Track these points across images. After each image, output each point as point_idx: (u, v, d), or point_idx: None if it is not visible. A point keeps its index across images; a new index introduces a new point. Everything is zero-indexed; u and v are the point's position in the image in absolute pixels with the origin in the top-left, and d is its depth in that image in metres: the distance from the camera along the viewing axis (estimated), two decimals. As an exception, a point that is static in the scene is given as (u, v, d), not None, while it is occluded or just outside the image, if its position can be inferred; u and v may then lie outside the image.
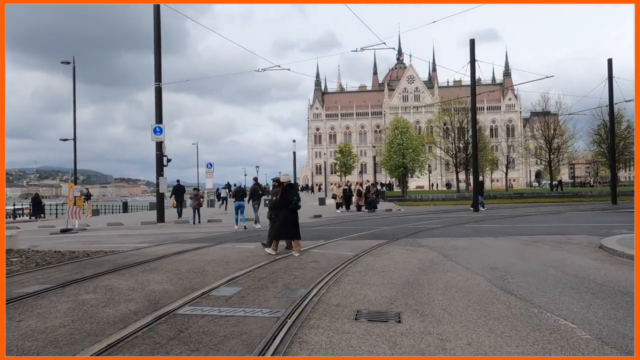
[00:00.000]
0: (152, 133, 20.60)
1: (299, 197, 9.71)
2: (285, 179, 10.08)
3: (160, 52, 21.24)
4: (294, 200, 9.52)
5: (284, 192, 9.62)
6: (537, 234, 13.34)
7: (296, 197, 9.62)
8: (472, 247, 10.75)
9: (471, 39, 23.79)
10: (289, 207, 9.48)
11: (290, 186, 9.85)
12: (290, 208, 9.50)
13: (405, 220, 18.74)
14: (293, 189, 9.88)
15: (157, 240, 13.07)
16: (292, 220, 9.55)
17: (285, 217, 9.48)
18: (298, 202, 9.62)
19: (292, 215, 9.55)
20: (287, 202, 9.50)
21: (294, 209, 9.58)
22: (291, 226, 9.51)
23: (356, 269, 7.90)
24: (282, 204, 9.56)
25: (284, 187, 9.77)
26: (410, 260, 8.83)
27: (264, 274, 7.45)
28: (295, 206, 9.58)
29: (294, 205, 9.53)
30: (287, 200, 9.51)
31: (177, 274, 7.54)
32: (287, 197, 9.53)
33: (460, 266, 8.17)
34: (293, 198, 9.53)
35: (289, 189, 9.72)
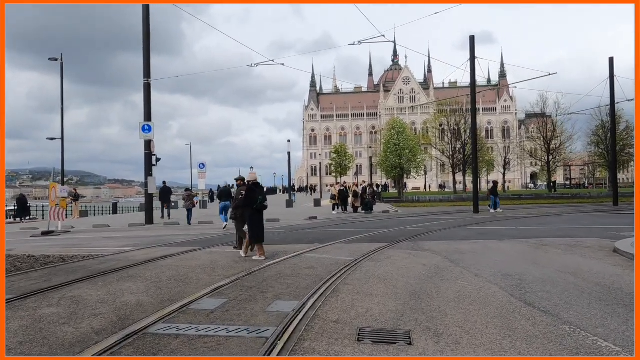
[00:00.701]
0: (141, 131, 19.79)
1: (265, 196, 9.39)
2: (252, 178, 9.69)
3: (150, 48, 20.45)
4: (259, 199, 9.16)
5: (250, 191, 9.27)
6: (543, 236, 12.66)
7: (262, 196, 9.27)
8: (478, 251, 10.04)
9: (471, 36, 23.16)
10: (253, 207, 9.12)
11: (255, 185, 9.49)
12: (256, 208, 9.13)
13: (404, 222, 18.02)
14: (259, 187, 9.54)
15: (142, 244, 12.27)
16: (258, 220, 9.21)
17: (252, 218, 9.16)
18: (264, 202, 9.28)
19: (257, 215, 9.21)
20: (252, 202, 9.16)
21: (260, 208, 9.22)
22: (260, 227, 9.20)
23: (356, 276, 7.15)
24: (247, 203, 9.23)
25: (249, 186, 9.40)
26: (414, 266, 8.09)
27: (253, 283, 6.69)
28: (261, 206, 9.22)
29: (259, 205, 9.15)
30: (253, 199, 9.15)
31: (156, 283, 6.76)
32: (253, 196, 9.18)
33: (469, 273, 7.44)
34: (258, 197, 9.16)
35: (255, 187, 9.36)
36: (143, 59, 20.30)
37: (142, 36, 20.33)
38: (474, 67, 22.80)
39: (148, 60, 20.32)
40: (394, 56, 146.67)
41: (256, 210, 9.18)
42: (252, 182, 9.54)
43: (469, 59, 23.15)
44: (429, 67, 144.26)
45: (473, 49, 22.96)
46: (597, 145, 47.33)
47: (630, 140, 43.40)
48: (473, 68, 22.77)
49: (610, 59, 27.52)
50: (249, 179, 9.70)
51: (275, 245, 11.36)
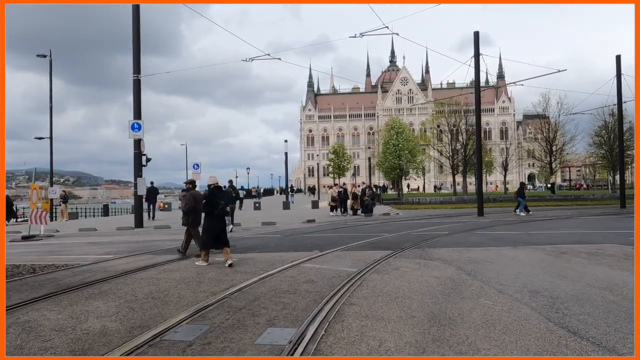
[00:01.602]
0: (130, 129, 18.80)
1: (227, 201, 9.06)
2: (212, 181, 9.19)
3: (140, 43, 19.47)
4: (221, 204, 8.74)
5: (211, 195, 8.82)
6: (559, 242, 11.76)
7: (223, 201, 8.89)
8: (494, 260, 9.12)
9: (475, 32, 22.28)
10: (214, 212, 8.70)
11: (217, 189, 9.09)
12: (217, 213, 8.71)
13: (407, 226, 17.10)
14: (221, 191, 9.15)
15: (126, 250, 11.30)
16: (220, 226, 8.82)
17: (210, 224, 8.74)
18: (225, 207, 8.90)
19: (218, 221, 8.80)
20: (213, 207, 8.75)
21: (221, 214, 8.81)
22: (219, 233, 8.76)
23: (362, 293, 6.22)
24: (209, 209, 8.80)
25: (210, 190, 8.95)
26: (426, 279, 7.16)
27: (242, 302, 5.74)
28: (223, 211, 8.83)
29: (220, 210, 8.74)
30: (214, 204, 8.74)
31: (130, 302, 5.81)
32: (214, 201, 8.76)
33: (490, 288, 6.52)
34: (220, 202, 8.74)
35: (216, 191, 8.96)
36: (133, 54, 19.34)
37: (132, 31, 19.38)
38: (478, 64, 21.94)
39: (138, 56, 19.37)
40: (392, 57, 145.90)
41: (217, 216, 8.75)
42: (213, 185, 9.08)
43: (472, 55, 22.28)
44: (426, 68, 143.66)
45: (477, 46, 22.09)
46: (601, 146, 46.46)
47: (631, 142, 42.52)
48: (477, 64, 21.90)
49: (617, 57, 26.73)
50: (210, 182, 9.18)
51: (271, 252, 10.43)
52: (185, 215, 9.85)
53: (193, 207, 9.70)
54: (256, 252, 10.54)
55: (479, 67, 21.90)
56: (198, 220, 9.75)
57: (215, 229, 8.71)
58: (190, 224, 9.73)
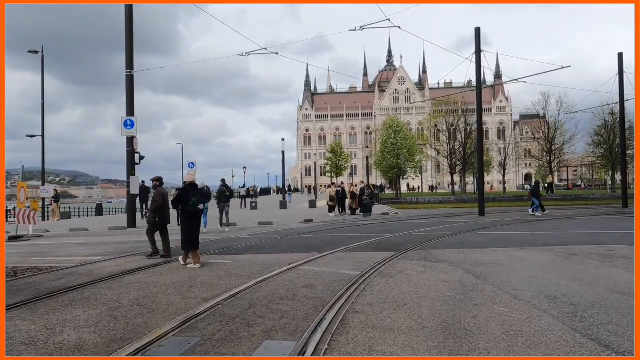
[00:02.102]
0: (122, 127, 18.25)
1: (200, 199, 8.71)
2: (189, 179, 8.96)
3: (132, 38, 18.92)
4: (192, 201, 8.41)
5: (182, 191, 8.55)
6: (567, 243, 11.33)
7: (195, 198, 8.52)
8: (502, 262, 8.66)
9: (476, 28, 21.83)
10: (186, 210, 8.42)
11: (191, 186, 8.75)
12: (188, 210, 8.41)
13: (408, 226, 16.63)
14: (195, 189, 8.79)
15: (115, 252, 10.78)
16: (192, 225, 8.52)
17: (185, 223, 8.45)
18: (197, 205, 8.53)
19: (191, 220, 8.50)
20: (179, 203, 8.48)
21: (193, 211, 8.47)
22: (194, 233, 8.47)
23: (366, 299, 5.74)
24: (175, 205, 8.53)
25: (183, 187, 8.76)
26: (434, 283, 6.69)
27: (237, 310, 5.25)
28: (194, 209, 8.48)
29: (191, 207, 8.42)
30: (185, 201, 8.44)
31: (113, 310, 5.30)
32: (185, 198, 8.45)
33: (505, 293, 6.05)
34: (192, 199, 8.42)
35: (189, 189, 8.63)
36: (125, 49, 18.79)
37: (125, 25, 18.84)
38: (479, 60, 21.50)
39: (131, 51, 18.82)
40: (389, 57, 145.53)
41: (190, 214, 8.43)
42: (188, 183, 8.81)
43: (474, 52, 21.83)
44: (424, 67, 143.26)
45: (479, 42, 21.65)
46: (600, 146, 46.09)
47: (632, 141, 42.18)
48: (479, 61, 21.46)
49: (619, 54, 26.32)
50: (187, 179, 8.97)
51: (268, 254, 9.93)
52: (152, 214, 9.60)
53: (161, 206, 9.53)
54: (252, 254, 10.05)
55: (480, 64, 21.47)
56: (165, 219, 9.59)
57: (187, 229, 8.43)
58: (155, 222, 9.49)
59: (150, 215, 9.69)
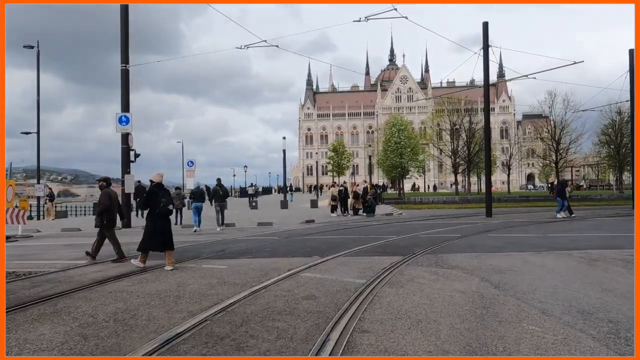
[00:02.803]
0: (117, 123, 17.60)
1: (170, 200, 8.50)
2: (157, 179, 8.62)
3: (128, 31, 18.27)
4: (162, 202, 8.21)
5: (151, 193, 8.31)
6: (584, 247, 10.62)
7: (165, 198, 8.32)
8: (520, 268, 7.97)
9: (484, 22, 21.14)
10: (156, 212, 8.18)
11: (158, 187, 8.50)
12: (158, 212, 8.18)
13: (414, 228, 15.93)
14: (162, 189, 8.55)
15: (103, 255, 10.07)
16: (163, 227, 8.29)
17: (153, 224, 8.22)
18: (167, 205, 8.32)
19: (162, 221, 8.28)
20: (153, 205, 8.24)
21: (163, 213, 8.25)
22: (162, 234, 8.22)
23: (375, 314, 5.05)
24: (150, 207, 8.29)
25: (151, 188, 8.49)
26: (449, 294, 6.00)
27: (227, 327, 4.56)
28: (164, 210, 8.27)
29: (161, 208, 8.20)
30: (155, 203, 8.22)
31: (85, 327, 4.63)
32: (154, 199, 8.23)
33: (531, 307, 5.37)
34: (161, 200, 8.21)
35: (157, 189, 8.38)
36: (120, 43, 18.13)
37: (120, 18, 18.19)
38: (487, 56, 20.79)
39: (126, 45, 18.16)
40: (391, 56, 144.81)
41: (160, 215, 8.20)
42: (155, 183, 8.54)
43: (482, 47, 21.14)
44: (426, 67, 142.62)
45: (487, 37, 20.95)
46: (607, 145, 45.24)
47: None
48: (487, 56, 20.75)
49: (630, 51, 25.53)
50: (154, 180, 8.63)
51: (265, 258, 9.26)
52: (99, 216, 9.26)
53: (108, 207, 9.22)
54: (248, 257, 9.38)
55: (488, 59, 20.77)
56: (113, 221, 9.39)
57: (157, 230, 8.16)
58: (104, 225, 9.20)
59: (98, 219, 9.36)
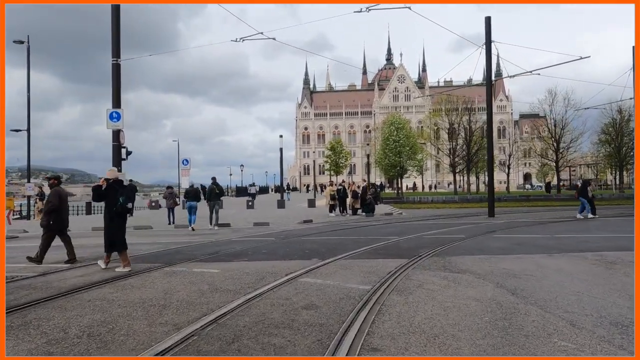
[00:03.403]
0: (108, 119, 16.89)
1: (128, 196, 8.09)
2: (111, 175, 8.26)
3: (119, 24, 17.60)
4: (120, 200, 7.86)
5: (108, 190, 7.96)
6: (596, 249, 10.10)
7: (124, 196, 7.95)
8: (535, 272, 7.42)
9: (486, 17, 20.61)
10: (113, 209, 7.87)
11: (117, 183, 8.11)
12: (115, 210, 7.84)
13: (415, 228, 15.38)
14: (122, 187, 8.15)
15: (89, 257, 9.50)
16: (119, 225, 8.01)
17: (110, 223, 7.92)
18: (126, 204, 7.97)
19: (118, 220, 7.97)
20: (111, 203, 7.89)
21: (121, 212, 7.93)
22: (119, 234, 7.96)
23: (385, 327, 4.48)
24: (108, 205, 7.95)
25: (108, 185, 8.05)
26: (464, 303, 5.44)
27: (215, 344, 3.98)
28: (122, 208, 7.92)
29: (119, 206, 7.87)
30: (112, 199, 7.89)
31: (52, 345, 4.04)
32: (112, 195, 7.90)
33: (557, 318, 4.81)
34: (120, 198, 7.87)
35: (116, 186, 8.03)
36: (111, 36, 17.44)
37: (111, 10, 17.53)
38: (490, 52, 20.26)
39: (118, 37, 17.46)
40: (388, 55, 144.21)
41: (117, 213, 7.87)
42: (112, 180, 8.15)
43: (484, 43, 20.61)
44: (423, 66, 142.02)
45: (489, 32, 20.42)
46: (609, 144, 44.79)
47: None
48: (489, 52, 20.22)
49: (633, 47, 25.16)
50: (110, 176, 8.21)
51: (262, 261, 8.67)
52: (46, 216, 8.78)
53: (57, 207, 8.77)
54: (243, 260, 8.80)
55: (491, 55, 20.24)
56: (63, 223, 8.94)
57: (112, 228, 7.87)
58: (50, 226, 8.74)
59: (44, 218, 8.89)
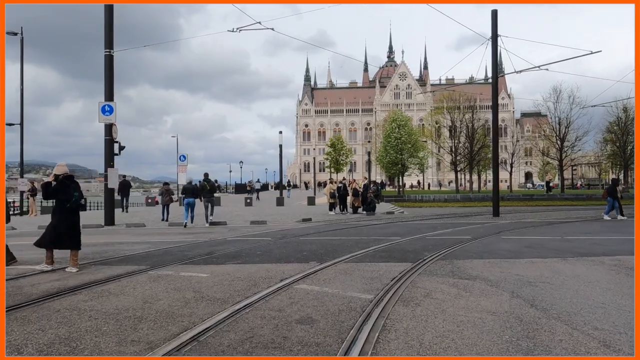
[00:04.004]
0: (100, 112, 16.37)
1: (81, 193, 7.80)
2: (61, 170, 7.81)
3: (112, 14, 16.99)
4: (75, 197, 7.53)
5: (62, 185, 7.56)
6: (611, 252, 9.55)
7: (77, 192, 7.63)
8: (551, 280, 6.82)
9: (493, 10, 19.95)
10: (67, 206, 7.49)
11: (69, 179, 7.73)
12: (69, 207, 7.50)
13: (418, 228, 14.78)
14: (73, 182, 7.76)
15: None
16: (72, 223, 7.62)
17: (59, 220, 7.51)
18: (79, 200, 7.68)
19: (71, 217, 7.61)
20: (64, 199, 7.50)
21: (75, 208, 7.62)
22: (70, 232, 7.56)
23: (390, 346, 3.88)
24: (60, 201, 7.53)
25: (60, 180, 7.67)
26: (479, 317, 4.83)
27: (193, 370, 3.38)
28: (76, 205, 7.63)
29: (73, 203, 7.53)
30: (65, 195, 7.49)
31: (1, 367, 3.44)
32: (65, 191, 7.51)
33: (587, 337, 4.22)
34: (74, 194, 7.55)
35: (67, 182, 7.65)
36: (104, 27, 16.87)
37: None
38: (496, 46, 19.63)
39: (111, 28, 16.89)
40: (390, 52, 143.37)
41: (70, 210, 7.52)
42: (62, 175, 7.71)
43: (489, 37, 19.97)
44: (425, 64, 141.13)
45: (495, 26, 19.78)
46: (613, 143, 44.13)
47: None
48: (495, 46, 19.59)
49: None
50: (59, 172, 7.75)
51: (256, 264, 8.06)
52: None
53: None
54: (236, 263, 8.19)
55: (497, 50, 19.61)
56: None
57: (62, 226, 7.46)
58: None
59: None
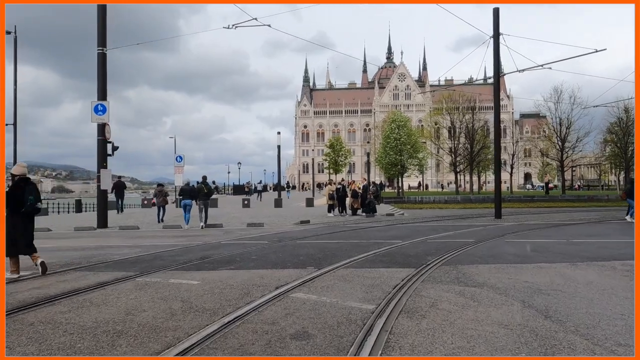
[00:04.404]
0: (93, 112, 15.95)
1: (38, 196, 7.39)
2: (20, 171, 7.38)
3: (105, 12, 16.59)
4: (30, 200, 7.13)
5: (16, 188, 7.16)
6: (621, 257, 9.14)
7: (32, 195, 7.21)
8: (562, 287, 6.42)
9: (495, 8, 19.61)
10: (22, 210, 7.08)
11: (24, 181, 7.30)
12: (24, 211, 7.10)
13: (420, 231, 14.38)
14: (29, 184, 7.31)
15: (59, 263, 8.50)
16: (25, 227, 7.23)
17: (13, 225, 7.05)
18: (36, 204, 7.28)
19: (27, 221, 7.26)
20: (17, 202, 7.06)
21: (30, 212, 7.23)
22: (27, 236, 7.22)
23: (395, 368, 3.48)
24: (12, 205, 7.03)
25: (15, 183, 7.29)
26: (490, 330, 4.43)
27: (171, 398, 2.98)
28: (32, 208, 7.23)
29: (29, 206, 7.12)
30: (22, 200, 7.07)
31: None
32: (21, 196, 7.07)
33: (611, 354, 3.82)
34: (28, 197, 7.14)
35: (23, 184, 7.23)
36: (97, 24, 16.45)
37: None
38: (497, 44, 19.26)
39: (104, 25, 16.49)
40: (389, 53, 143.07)
41: (25, 214, 7.13)
42: (18, 177, 7.30)
43: (491, 36, 19.61)
44: (424, 65, 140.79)
45: (497, 24, 19.43)
46: (615, 144, 43.79)
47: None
48: (497, 45, 19.22)
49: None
50: (16, 172, 7.37)
51: (250, 270, 7.66)
52: None
53: None
54: (230, 269, 7.79)
55: (499, 48, 19.23)
56: None
57: (18, 231, 7.04)
58: None
59: None
